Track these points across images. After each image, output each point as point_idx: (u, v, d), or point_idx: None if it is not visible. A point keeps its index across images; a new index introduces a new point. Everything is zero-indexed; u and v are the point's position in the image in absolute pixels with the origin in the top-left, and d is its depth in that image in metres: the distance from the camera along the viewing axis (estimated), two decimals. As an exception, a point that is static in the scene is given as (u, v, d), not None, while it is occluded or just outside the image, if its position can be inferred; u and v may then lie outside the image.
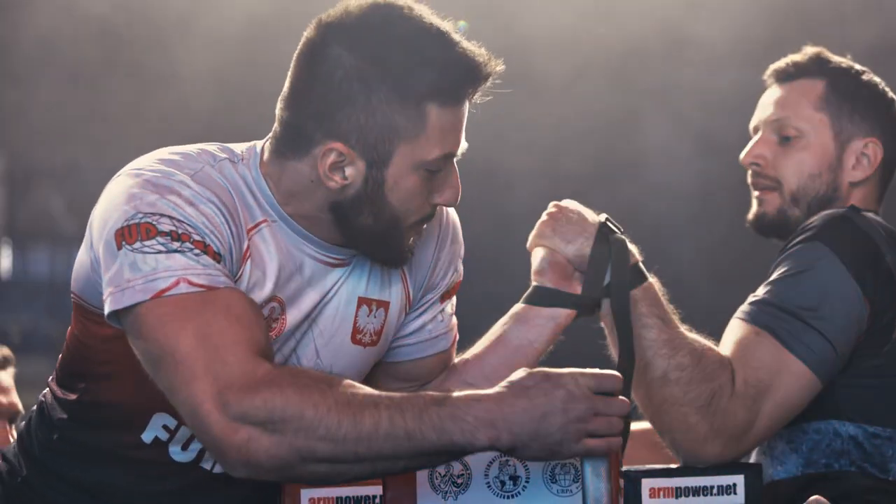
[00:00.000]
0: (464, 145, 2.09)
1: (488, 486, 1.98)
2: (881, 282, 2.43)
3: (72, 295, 2.15)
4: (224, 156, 2.09)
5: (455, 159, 2.10)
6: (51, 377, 2.26)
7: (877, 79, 2.68)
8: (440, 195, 2.10)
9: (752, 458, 2.51)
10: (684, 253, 5.25)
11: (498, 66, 2.05)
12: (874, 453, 2.41)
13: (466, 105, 2.08)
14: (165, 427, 2.14)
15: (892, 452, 2.42)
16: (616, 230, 2.40)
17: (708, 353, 2.37)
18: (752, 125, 2.70)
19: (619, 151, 5.58)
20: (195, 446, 2.16)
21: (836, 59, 2.67)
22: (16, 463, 2.25)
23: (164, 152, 2.08)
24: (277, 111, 2.10)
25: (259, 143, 2.15)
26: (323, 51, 2.03)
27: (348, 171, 2.04)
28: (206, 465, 2.17)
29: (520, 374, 1.92)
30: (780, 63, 2.68)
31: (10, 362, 2.91)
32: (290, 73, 2.09)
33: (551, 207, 2.45)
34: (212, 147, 2.11)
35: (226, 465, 1.91)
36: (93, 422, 2.18)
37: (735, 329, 2.42)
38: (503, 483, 1.97)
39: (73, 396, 2.19)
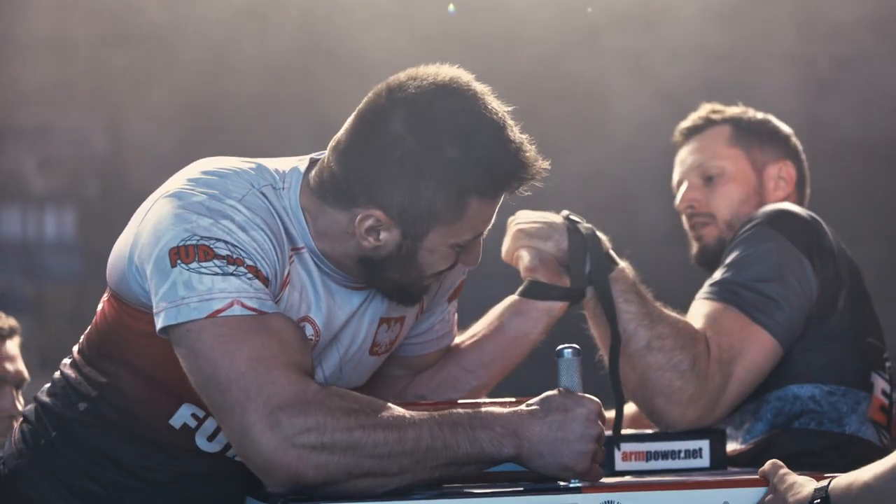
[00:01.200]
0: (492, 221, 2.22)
1: None
2: (825, 258, 2.69)
3: (106, 294, 2.26)
4: (265, 182, 2.19)
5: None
6: (76, 348, 2.35)
7: (770, 116, 2.98)
8: (463, 259, 2.23)
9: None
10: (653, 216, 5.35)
11: (544, 167, 2.16)
12: (830, 409, 2.63)
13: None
14: (194, 416, 2.25)
15: (847, 408, 2.66)
16: (580, 222, 2.61)
17: (684, 324, 2.61)
18: (675, 181, 2.98)
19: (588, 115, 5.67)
20: (221, 439, 2.26)
21: (729, 108, 2.97)
22: (39, 426, 2.34)
23: (200, 171, 2.16)
24: (328, 155, 2.20)
25: (301, 166, 2.24)
26: (387, 125, 2.13)
27: (383, 235, 2.17)
28: (231, 454, 2.27)
29: (544, 395, 2.10)
30: (686, 122, 2.97)
31: (15, 332, 3.00)
32: (349, 127, 2.18)
33: (513, 223, 2.65)
34: (247, 166, 2.20)
35: (271, 482, 2.01)
36: (121, 403, 2.27)
37: (700, 307, 2.66)
38: None
39: (101, 378, 2.29)
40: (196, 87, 5.88)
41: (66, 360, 2.36)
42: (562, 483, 2.10)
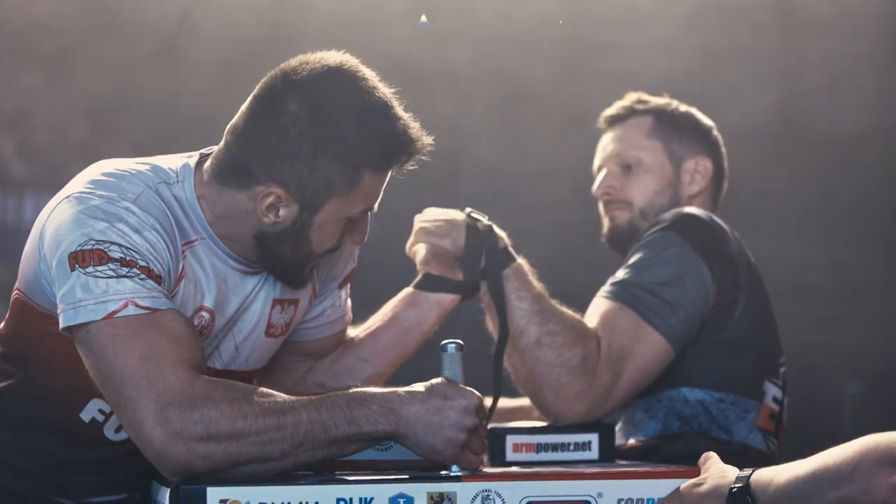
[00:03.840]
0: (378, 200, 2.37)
1: None
2: (725, 266, 2.78)
3: (16, 292, 2.37)
4: (159, 179, 2.31)
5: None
6: None
7: (693, 109, 3.06)
8: (351, 237, 2.38)
9: (616, 427, 2.78)
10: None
11: (428, 143, 2.32)
12: (720, 416, 2.72)
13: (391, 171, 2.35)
14: (101, 411, 2.38)
15: (735, 416, 2.74)
16: (480, 219, 2.73)
17: (576, 322, 2.70)
18: (595, 166, 3.07)
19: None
20: None
21: (654, 98, 3.05)
22: None
23: (100, 173, 2.29)
24: (225, 139, 2.33)
25: (191, 161, 2.36)
26: (283, 105, 2.27)
27: (282, 211, 2.30)
28: None
29: (429, 381, 2.22)
30: (611, 110, 3.05)
31: None
32: (246, 111, 2.32)
33: (417, 220, 2.78)
34: (143, 167, 2.33)
35: (164, 471, 2.16)
36: (32, 398, 2.39)
37: (598, 305, 2.75)
38: None
39: (12, 374, 2.40)
40: (173, 76, 5.95)
41: None
42: (443, 472, 2.22)
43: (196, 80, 5.85)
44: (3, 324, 2.44)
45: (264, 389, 2.19)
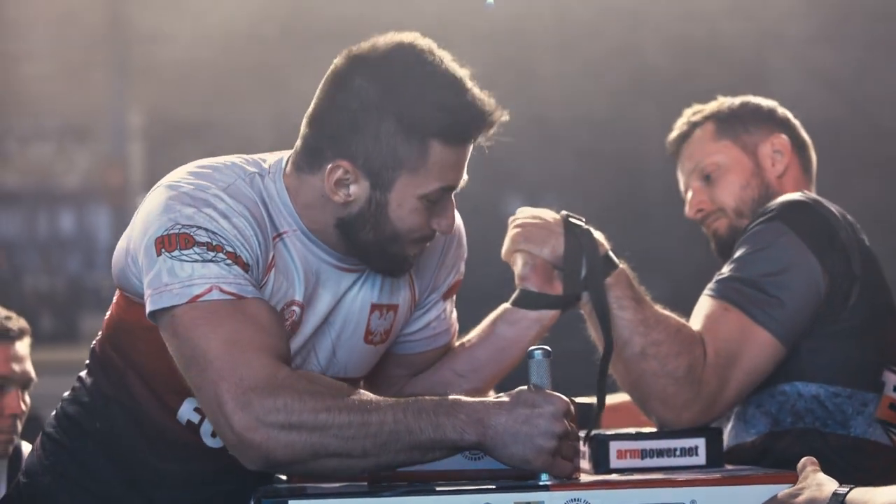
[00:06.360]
0: (464, 179, 2.31)
1: None
2: (836, 255, 2.64)
3: (114, 280, 2.38)
4: (253, 170, 2.31)
5: (454, 192, 2.32)
6: (90, 355, 2.48)
7: (748, 97, 2.96)
8: (436, 223, 2.32)
9: (729, 425, 2.68)
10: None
11: (503, 117, 2.27)
12: (836, 411, 2.60)
13: (469, 146, 2.29)
14: (197, 410, 2.36)
15: (852, 410, 2.62)
16: (579, 222, 2.63)
17: (681, 328, 2.60)
18: (682, 189, 2.96)
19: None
20: None
21: (707, 105, 2.95)
22: (61, 436, 2.46)
23: (196, 166, 2.30)
24: (301, 128, 2.32)
25: (285, 156, 2.36)
26: (346, 81, 2.26)
27: (353, 188, 2.27)
28: None
29: (516, 389, 2.17)
30: (673, 133, 2.96)
31: (25, 333, 3.13)
32: (316, 96, 2.31)
33: (512, 223, 2.69)
34: (240, 160, 2.33)
35: (244, 459, 2.13)
36: (131, 404, 2.39)
37: (704, 305, 2.65)
38: None
39: (112, 379, 2.40)
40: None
41: (84, 370, 2.49)
42: (531, 481, 2.16)
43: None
44: (104, 323, 2.44)
45: (350, 387, 2.16)
